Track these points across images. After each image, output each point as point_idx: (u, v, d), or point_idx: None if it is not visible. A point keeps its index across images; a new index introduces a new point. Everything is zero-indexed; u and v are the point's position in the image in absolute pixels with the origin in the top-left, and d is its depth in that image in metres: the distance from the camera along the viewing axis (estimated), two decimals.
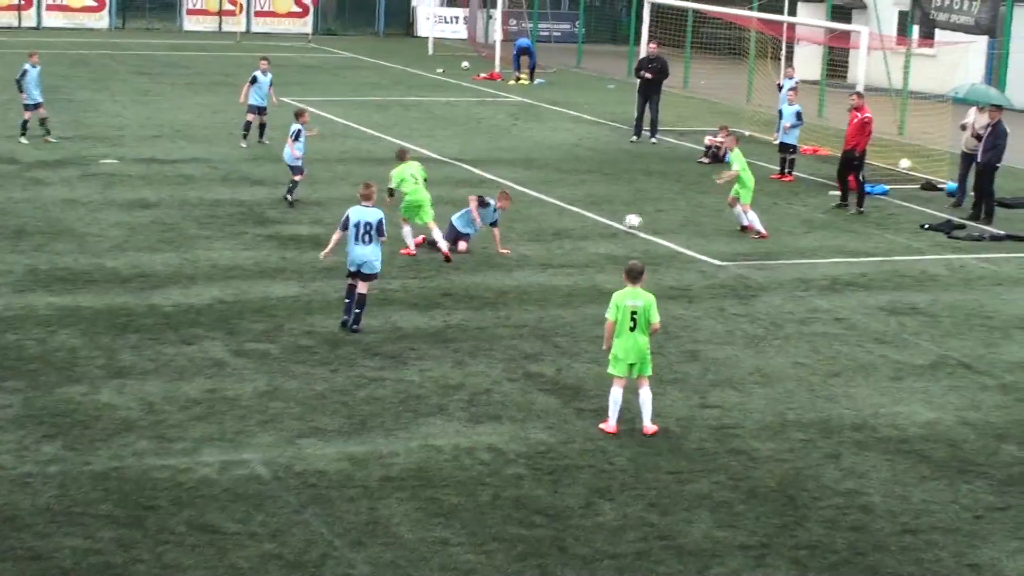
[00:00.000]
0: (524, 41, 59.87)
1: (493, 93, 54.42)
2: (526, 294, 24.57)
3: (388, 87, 54.76)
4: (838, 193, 34.08)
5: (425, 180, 27.36)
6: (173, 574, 13.78)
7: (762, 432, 18.45)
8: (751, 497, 16.32)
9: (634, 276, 18.06)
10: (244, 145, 38.63)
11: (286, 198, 31.17)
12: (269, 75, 38.95)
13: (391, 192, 27.36)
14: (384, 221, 22.17)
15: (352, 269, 22.03)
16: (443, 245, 26.56)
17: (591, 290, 24.99)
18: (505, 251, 27.20)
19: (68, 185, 32.15)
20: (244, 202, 31.02)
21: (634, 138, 43.03)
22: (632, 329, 17.85)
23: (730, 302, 24.74)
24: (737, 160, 30.59)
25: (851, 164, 33.68)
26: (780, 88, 40.93)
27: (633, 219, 30.49)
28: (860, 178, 33.74)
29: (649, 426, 18.12)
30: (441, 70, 60.86)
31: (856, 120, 33.73)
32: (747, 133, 43.75)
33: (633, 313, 17.85)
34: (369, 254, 21.87)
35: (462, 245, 27.22)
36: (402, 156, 27.93)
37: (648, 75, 42.92)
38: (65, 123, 41.29)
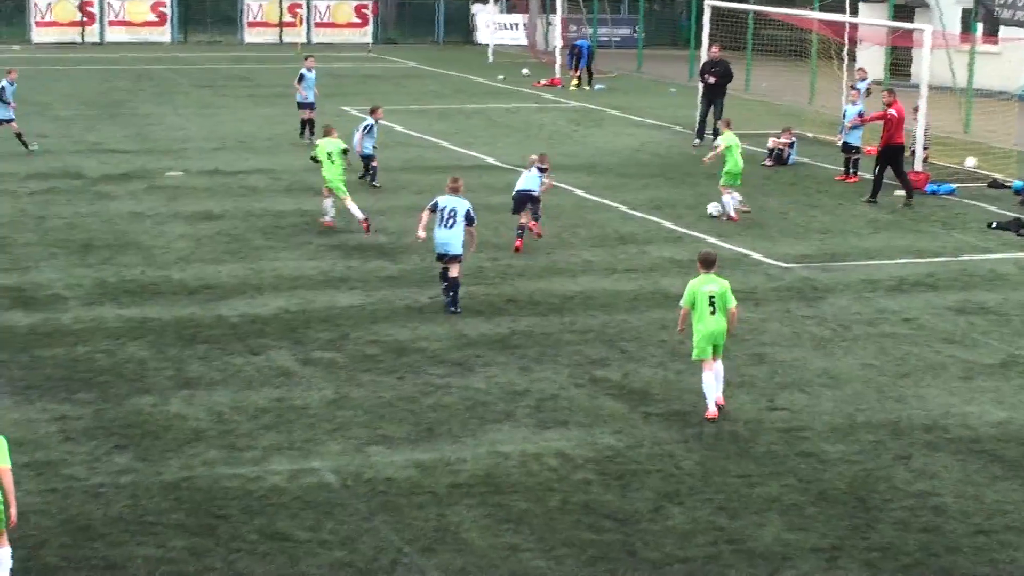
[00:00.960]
0: (581, 42, 59.87)
1: (554, 99, 54.46)
2: (591, 299, 24.58)
3: (449, 95, 54.90)
4: (902, 193, 34.01)
5: (345, 152, 29.86)
6: None
7: (831, 434, 18.39)
8: (821, 499, 16.27)
9: (708, 263, 19.05)
10: (307, 142, 39.64)
11: (372, 185, 34.03)
12: (313, 72, 41.40)
13: (314, 159, 29.96)
14: (473, 211, 23.44)
15: (439, 252, 23.48)
16: (359, 216, 28.78)
17: (656, 294, 24.98)
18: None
19: (134, 198, 32.42)
20: (308, 212, 31.17)
21: (696, 142, 42.96)
22: (712, 313, 18.68)
23: (796, 304, 24.67)
24: (726, 140, 32.05)
25: (894, 159, 34.20)
26: (855, 89, 40.36)
27: (717, 207, 31.90)
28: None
29: (714, 409, 18.73)
30: (502, 77, 60.95)
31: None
32: (810, 135, 43.61)
33: (711, 298, 18.69)
34: (452, 238, 23.30)
35: (532, 223, 28.53)
36: (326, 132, 30.31)
37: (712, 79, 42.85)
38: (130, 137, 41.69)
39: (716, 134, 42.77)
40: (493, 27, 72.58)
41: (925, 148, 36.78)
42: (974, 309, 24.59)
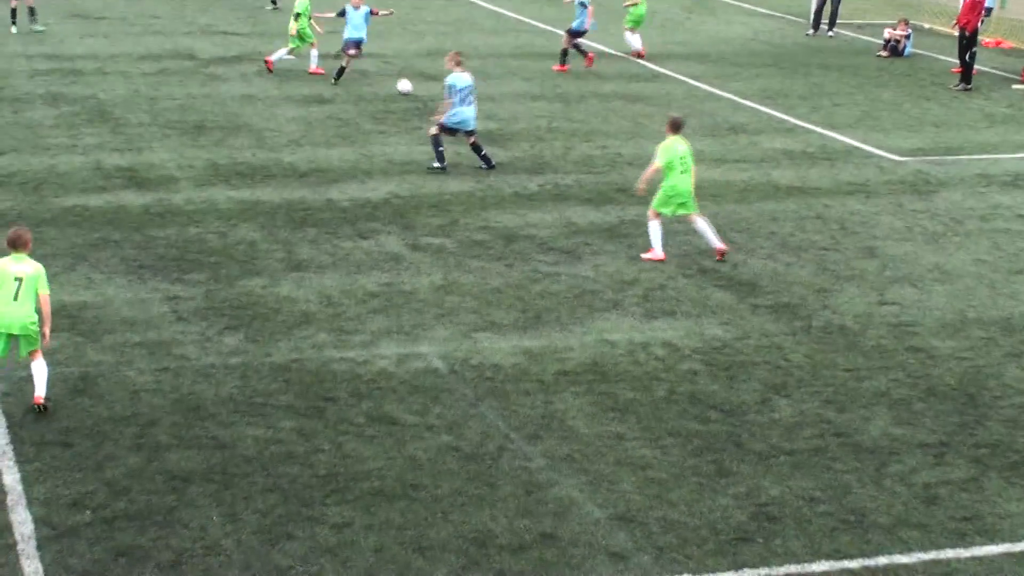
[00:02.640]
0: None
1: None
2: (701, 189, 24.21)
3: None
4: (1020, 86, 33.41)
5: (308, 16, 33.16)
6: (353, 464, 14.01)
7: (942, 330, 18.18)
8: (930, 395, 16.12)
9: (676, 127, 20.58)
10: (334, 82, 32.91)
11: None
12: (363, 8, 32.52)
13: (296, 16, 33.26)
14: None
15: (463, 128, 25.02)
16: (315, 64, 33.48)
17: (767, 185, 24.75)
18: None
19: (245, 81, 32.50)
20: (419, 97, 31.11)
21: (811, 31, 42.35)
22: (682, 172, 20.32)
23: (909, 198, 24.35)
24: None
25: (962, 42, 34.27)
26: None
27: (405, 85, 31.20)
28: (967, 56, 34.18)
29: (720, 245, 20.54)
30: None
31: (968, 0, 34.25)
32: (927, 26, 42.84)
33: (682, 158, 20.32)
34: (473, 113, 25.10)
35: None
36: None
37: None
38: (241, 19, 41.74)
39: (832, 24, 42.23)
40: None
41: None
42: None
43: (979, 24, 34.53)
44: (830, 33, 42.11)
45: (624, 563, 12.39)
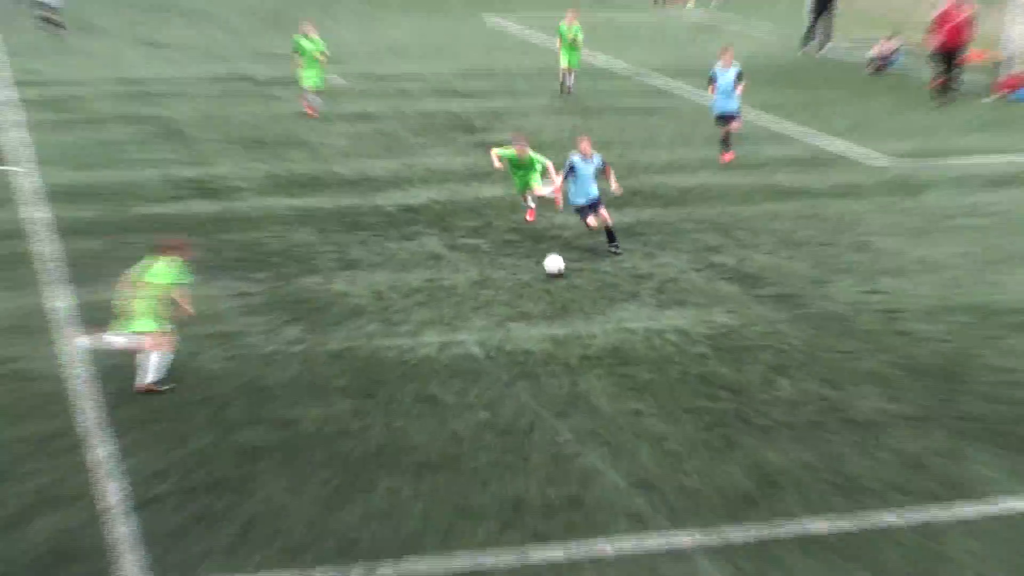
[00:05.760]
0: None
1: (675, 12, 53.87)
2: (708, 192, 24.61)
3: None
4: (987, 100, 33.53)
5: (322, 52, 31.30)
6: (401, 438, 14.31)
7: (926, 316, 18.37)
8: (915, 373, 16.32)
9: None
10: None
11: None
12: (596, 158, 21.30)
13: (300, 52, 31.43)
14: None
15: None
16: (315, 105, 30.87)
17: (767, 188, 24.94)
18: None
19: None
20: (455, 113, 31.37)
21: (805, 47, 42.41)
22: None
23: (897, 197, 24.51)
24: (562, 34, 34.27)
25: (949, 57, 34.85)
26: None
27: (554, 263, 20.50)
28: (953, 70, 34.83)
29: None
30: None
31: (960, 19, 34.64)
32: (914, 41, 42.83)
33: None
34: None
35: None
36: (304, 31, 31.53)
37: None
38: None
39: (824, 41, 42.21)
40: None
41: None
42: None
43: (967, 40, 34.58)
44: (823, 50, 42.15)
45: (643, 524, 12.68)
